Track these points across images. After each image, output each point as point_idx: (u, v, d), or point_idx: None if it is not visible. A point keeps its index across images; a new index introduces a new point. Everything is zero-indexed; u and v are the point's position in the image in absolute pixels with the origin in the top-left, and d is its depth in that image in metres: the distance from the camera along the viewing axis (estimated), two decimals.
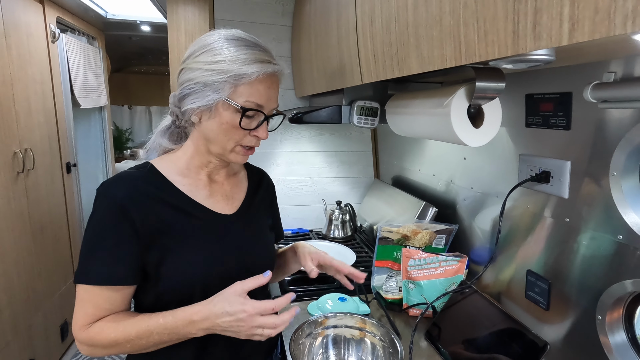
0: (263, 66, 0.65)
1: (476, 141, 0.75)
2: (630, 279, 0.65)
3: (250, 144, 0.71)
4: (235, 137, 0.68)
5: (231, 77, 0.64)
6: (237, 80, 0.64)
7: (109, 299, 0.64)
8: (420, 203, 1.26)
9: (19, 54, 1.73)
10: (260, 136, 0.70)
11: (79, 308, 0.64)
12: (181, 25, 1.97)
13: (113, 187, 0.65)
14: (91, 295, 0.64)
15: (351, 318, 0.83)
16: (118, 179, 0.67)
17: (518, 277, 0.91)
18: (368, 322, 0.82)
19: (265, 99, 0.67)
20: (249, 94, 0.65)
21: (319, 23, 1.21)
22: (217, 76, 0.64)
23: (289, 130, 1.71)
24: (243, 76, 0.64)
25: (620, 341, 0.69)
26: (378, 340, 0.80)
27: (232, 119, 0.66)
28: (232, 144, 0.69)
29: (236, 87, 0.65)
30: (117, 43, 3.30)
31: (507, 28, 0.43)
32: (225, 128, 0.67)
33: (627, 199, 0.65)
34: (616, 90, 0.61)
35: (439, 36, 0.58)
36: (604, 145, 0.68)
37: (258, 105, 0.67)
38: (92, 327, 0.63)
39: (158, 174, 0.71)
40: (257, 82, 0.65)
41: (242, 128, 0.67)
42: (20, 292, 1.65)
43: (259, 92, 0.66)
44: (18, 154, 1.67)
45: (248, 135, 0.69)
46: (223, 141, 0.69)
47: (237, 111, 0.66)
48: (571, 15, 0.35)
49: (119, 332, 0.62)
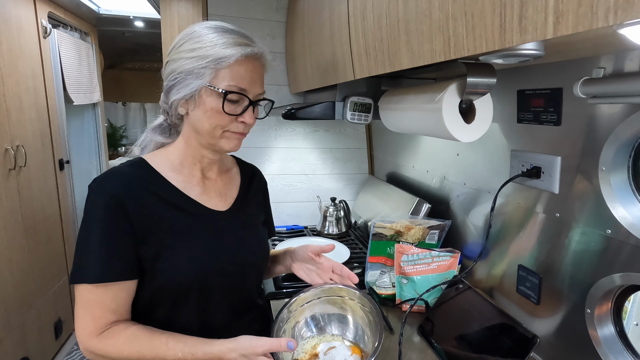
0: (242, 48, 0.65)
1: (468, 137, 0.75)
2: (618, 272, 0.65)
3: (238, 130, 0.69)
4: (221, 123, 0.67)
5: (211, 61, 0.64)
6: (217, 64, 0.64)
7: (111, 296, 0.63)
8: (414, 199, 1.26)
9: (9, 49, 1.71)
10: (247, 121, 0.68)
11: (83, 312, 0.62)
12: (175, 21, 1.96)
13: (106, 183, 0.65)
14: (93, 295, 0.62)
15: (328, 290, 0.81)
16: (111, 174, 0.67)
17: (510, 272, 0.92)
18: (345, 290, 0.79)
19: (247, 83, 0.67)
20: (230, 77, 0.65)
21: (312, 19, 1.21)
22: (198, 62, 0.64)
23: (283, 126, 1.71)
24: (222, 59, 0.64)
25: (609, 334, 0.70)
26: (357, 303, 0.78)
27: (216, 105, 0.66)
28: (219, 131, 0.68)
29: (217, 72, 0.65)
30: (110, 39, 3.27)
31: (495, 22, 0.43)
32: (210, 115, 0.66)
33: (616, 194, 0.66)
34: (605, 85, 0.61)
35: (428, 31, 0.58)
36: (593, 141, 0.69)
37: (240, 88, 0.66)
38: (105, 339, 0.62)
39: (151, 170, 0.71)
40: (237, 64, 0.65)
41: (226, 113, 0.66)
42: (13, 290, 1.64)
43: (240, 75, 0.66)
44: (9, 150, 1.65)
45: (235, 121, 0.68)
46: (210, 129, 0.68)
47: (219, 96, 0.65)
48: (556, 9, 0.35)
49: (132, 352, 0.62)
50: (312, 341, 0.77)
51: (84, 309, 0.62)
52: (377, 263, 1.14)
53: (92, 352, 0.63)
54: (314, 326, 0.79)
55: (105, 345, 0.62)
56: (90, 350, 0.63)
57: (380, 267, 1.14)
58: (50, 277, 2.00)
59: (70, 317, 2.24)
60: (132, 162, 0.71)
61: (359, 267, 1.28)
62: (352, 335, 0.78)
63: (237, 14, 1.59)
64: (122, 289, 0.64)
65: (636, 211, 0.64)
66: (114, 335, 0.63)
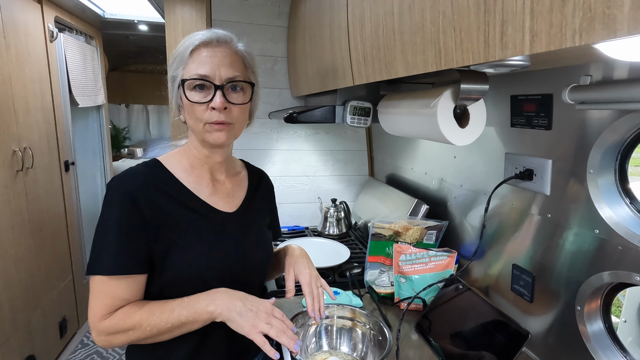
0: (200, 37, 0.69)
1: (462, 140, 0.78)
2: (607, 270, 0.68)
3: (211, 119, 0.69)
4: (197, 115, 0.70)
5: (177, 61, 0.69)
6: (181, 61, 0.69)
7: (123, 288, 0.66)
8: (413, 200, 1.29)
9: (17, 53, 1.74)
10: (215, 106, 0.67)
11: (95, 300, 0.66)
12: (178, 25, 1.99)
13: (123, 181, 0.69)
14: (106, 286, 0.66)
15: (342, 309, 0.86)
16: (128, 174, 0.71)
17: (505, 271, 0.94)
18: (358, 312, 0.85)
19: (208, 68, 0.68)
20: (193, 67, 0.69)
21: (314, 25, 1.24)
22: (173, 66, 0.70)
23: (285, 129, 1.74)
24: (183, 54, 0.69)
25: (598, 330, 0.73)
26: (368, 329, 0.83)
27: (186, 98, 0.70)
28: (200, 124, 0.70)
29: (184, 68, 0.69)
30: (114, 42, 3.31)
31: (480, 37, 0.46)
32: (188, 111, 0.71)
33: (603, 195, 0.69)
34: (592, 92, 0.64)
35: (421, 42, 0.61)
36: (582, 144, 0.72)
37: (199, 75, 0.68)
38: (116, 314, 0.65)
39: (165, 170, 0.74)
40: (197, 53, 0.69)
41: (191, 102, 0.68)
42: (19, 289, 1.67)
43: (200, 61, 0.68)
44: (17, 152, 1.69)
45: (207, 110, 0.69)
46: (193, 125, 0.72)
47: (187, 88, 0.69)
48: (531, 28, 0.38)
49: (143, 312, 0.65)
50: (322, 355, 0.81)
51: (97, 298, 0.66)
52: (376, 262, 1.17)
53: (104, 332, 0.65)
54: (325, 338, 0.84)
55: (115, 319, 0.65)
56: (102, 331, 0.65)
57: (379, 266, 1.16)
58: (56, 276, 2.04)
59: (75, 317, 2.27)
60: (148, 163, 0.75)
61: (358, 266, 1.31)
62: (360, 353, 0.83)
63: (240, 19, 1.63)
64: (133, 281, 0.67)
65: (622, 212, 0.67)
66: (124, 308, 0.66)
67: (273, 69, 1.69)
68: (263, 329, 0.64)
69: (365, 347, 0.82)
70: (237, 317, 0.65)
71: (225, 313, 0.65)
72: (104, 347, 0.69)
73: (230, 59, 0.70)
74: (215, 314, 0.66)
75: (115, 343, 0.66)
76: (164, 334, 0.66)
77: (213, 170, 0.79)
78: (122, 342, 0.66)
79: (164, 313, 0.65)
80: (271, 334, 0.65)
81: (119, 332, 0.65)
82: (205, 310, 0.66)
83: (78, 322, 2.31)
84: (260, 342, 0.64)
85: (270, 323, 0.65)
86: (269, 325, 0.65)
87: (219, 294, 0.68)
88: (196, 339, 0.72)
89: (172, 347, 0.71)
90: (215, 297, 0.67)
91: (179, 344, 0.70)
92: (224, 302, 0.66)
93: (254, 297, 0.69)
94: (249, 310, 0.66)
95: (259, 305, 0.67)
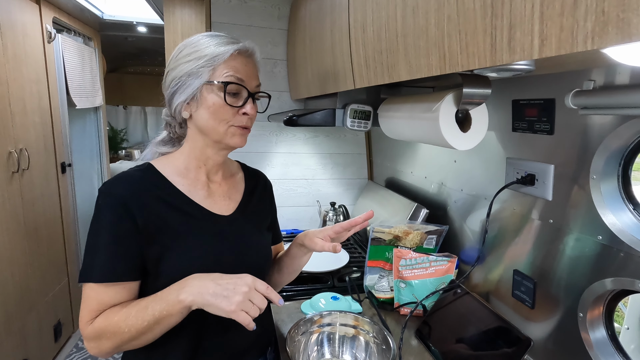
0: (234, 45, 0.71)
1: (464, 145, 0.78)
2: (609, 277, 0.68)
3: (241, 123, 0.72)
4: (225, 117, 0.71)
5: (207, 60, 0.69)
6: (213, 61, 0.69)
7: (111, 294, 0.65)
8: (412, 204, 1.28)
9: (14, 54, 1.73)
10: (248, 112, 0.72)
11: (83, 305, 0.65)
12: (178, 27, 1.99)
13: (115, 186, 0.67)
14: (95, 292, 0.65)
15: (345, 316, 0.85)
16: (119, 179, 0.69)
17: (506, 276, 0.94)
18: (361, 320, 0.84)
19: (244, 74, 0.71)
20: (227, 70, 0.70)
21: (314, 28, 1.24)
22: (195, 63, 0.69)
23: (284, 132, 1.74)
24: (217, 56, 0.69)
25: (600, 337, 0.72)
26: (371, 337, 0.82)
27: (217, 100, 0.70)
28: (225, 126, 0.71)
29: (214, 69, 0.69)
30: (112, 43, 3.30)
31: (486, 41, 0.46)
32: (213, 110, 0.70)
33: (606, 201, 0.68)
34: (595, 97, 0.64)
35: (425, 46, 0.61)
36: (585, 150, 0.71)
37: (238, 78, 0.70)
38: (97, 318, 0.64)
39: (158, 174, 0.73)
40: (232, 59, 0.70)
41: (228, 105, 0.70)
42: (14, 292, 1.65)
43: (236, 68, 0.70)
44: (13, 153, 1.67)
45: (237, 114, 0.72)
46: (215, 126, 0.71)
47: (220, 90, 0.69)
48: (541, 32, 0.38)
49: (121, 314, 0.63)
50: None
51: (84, 304, 0.65)
52: (376, 267, 1.16)
53: (88, 337, 0.64)
54: (327, 346, 0.83)
55: (98, 323, 0.63)
56: (87, 336, 0.64)
57: (379, 271, 1.15)
58: (51, 279, 2.01)
59: (70, 320, 2.24)
60: (140, 167, 0.74)
61: (358, 271, 1.30)
62: None
63: (240, 21, 1.62)
64: (123, 288, 0.66)
65: (625, 218, 0.67)
66: (103, 313, 0.65)
67: (273, 71, 1.68)
68: (244, 307, 0.60)
69: (368, 356, 0.81)
70: (212, 299, 0.60)
71: (197, 299, 0.60)
72: (98, 356, 0.67)
73: (255, 70, 0.75)
74: (187, 302, 0.60)
75: (105, 349, 0.64)
76: (146, 334, 0.63)
77: (210, 173, 0.78)
78: (109, 347, 0.64)
79: (139, 312, 0.62)
80: (252, 314, 0.60)
81: (102, 337, 0.63)
82: (176, 300, 0.61)
83: (73, 326, 2.28)
84: (244, 321, 0.60)
85: (252, 299, 0.61)
86: (249, 302, 0.60)
87: (189, 280, 0.63)
88: (191, 343, 0.70)
89: (166, 352, 0.69)
90: (185, 284, 0.62)
91: (173, 348, 0.69)
92: (193, 288, 0.61)
93: (231, 275, 0.63)
94: (225, 289, 0.60)
95: (236, 280, 0.62)
